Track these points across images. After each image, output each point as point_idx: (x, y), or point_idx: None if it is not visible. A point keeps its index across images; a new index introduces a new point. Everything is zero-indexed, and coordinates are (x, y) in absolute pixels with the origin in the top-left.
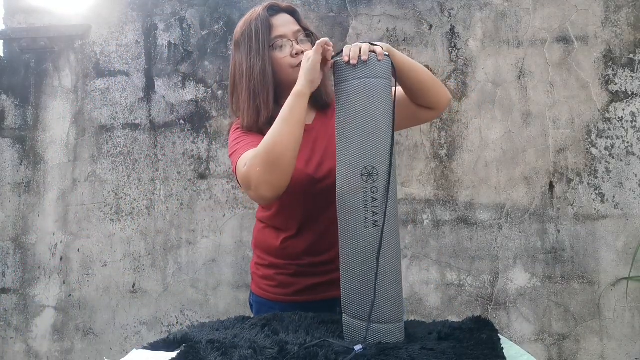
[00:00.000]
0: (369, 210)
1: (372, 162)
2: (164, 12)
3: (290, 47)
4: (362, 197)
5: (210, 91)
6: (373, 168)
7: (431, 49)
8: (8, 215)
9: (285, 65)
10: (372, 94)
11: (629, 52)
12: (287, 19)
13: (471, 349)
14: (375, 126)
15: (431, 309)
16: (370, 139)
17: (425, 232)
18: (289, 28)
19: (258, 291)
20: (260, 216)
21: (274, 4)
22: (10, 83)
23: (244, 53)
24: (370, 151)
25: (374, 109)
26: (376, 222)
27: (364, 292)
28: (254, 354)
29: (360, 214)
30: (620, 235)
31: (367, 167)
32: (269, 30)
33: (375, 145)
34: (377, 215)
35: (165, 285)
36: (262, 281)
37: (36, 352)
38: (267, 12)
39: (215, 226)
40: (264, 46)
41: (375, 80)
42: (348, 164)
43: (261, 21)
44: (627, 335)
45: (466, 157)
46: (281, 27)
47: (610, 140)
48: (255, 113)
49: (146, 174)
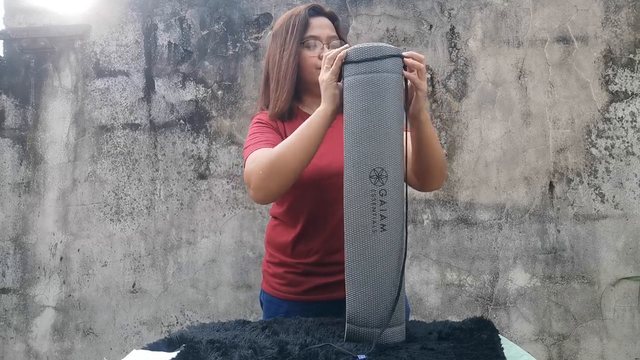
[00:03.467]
0: (377, 213)
1: (381, 164)
2: (164, 12)
3: (320, 48)
4: (370, 199)
5: (210, 91)
6: (382, 170)
7: (431, 49)
8: (8, 215)
9: (310, 65)
10: (382, 89)
11: (629, 52)
12: (325, 23)
13: (471, 349)
14: (385, 124)
15: (431, 309)
16: (379, 138)
17: (425, 232)
18: (324, 31)
19: (268, 289)
20: (273, 212)
21: (318, 6)
22: (10, 83)
23: (278, 44)
24: (380, 151)
25: (385, 106)
26: (384, 226)
27: (369, 298)
28: (254, 354)
29: (368, 218)
30: (620, 235)
31: (376, 168)
32: (304, 28)
33: (385, 145)
34: (386, 220)
35: (165, 285)
36: (272, 279)
37: (36, 352)
38: (307, 11)
39: (215, 226)
40: (296, 41)
41: (386, 74)
42: (356, 164)
43: (300, 18)
44: (627, 335)
45: (466, 157)
46: (317, 28)
47: (610, 140)
48: (276, 101)
49: (146, 174)
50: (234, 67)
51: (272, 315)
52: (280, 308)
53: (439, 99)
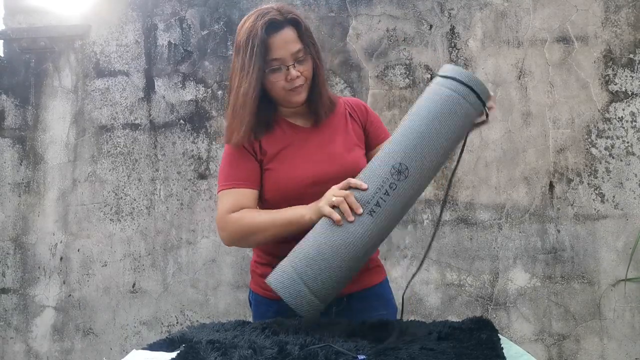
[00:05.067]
0: (375, 197)
1: (409, 164)
2: (164, 12)
3: (285, 71)
4: (379, 184)
5: (210, 91)
6: (407, 168)
7: (431, 49)
8: (8, 215)
9: (279, 88)
10: (456, 112)
11: (629, 52)
12: (287, 38)
13: (471, 349)
14: (440, 138)
15: (431, 309)
16: (426, 146)
17: (425, 232)
18: (287, 50)
19: (257, 289)
20: None
21: (275, 20)
22: (10, 83)
23: (238, 64)
24: (418, 154)
25: (449, 123)
26: (373, 212)
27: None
28: (253, 354)
29: (367, 196)
30: (620, 235)
31: (402, 163)
32: (265, 51)
33: (427, 153)
34: (379, 209)
35: (165, 285)
36: (260, 279)
37: (36, 352)
38: (265, 33)
39: (215, 226)
40: (257, 69)
41: (467, 104)
42: (392, 153)
43: (258, 41)
44: (627, 335)
45: (466, 157)
46: (279, 49)
47: (610, 140)
48: (231, 130)
49: (146, 174)
50: None
51: (261, 315)
52: (270, 308)
53: None
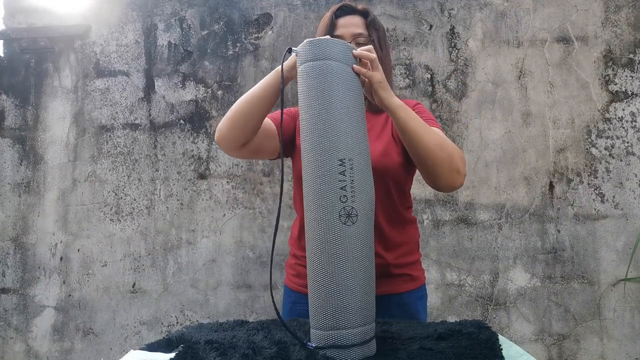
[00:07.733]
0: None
1: (347, 154)
2: (164, 12)
3: None
4: (337, 190)
5: (210, 91)
6: (350, 160)
7: (431, 49)
8: (8, 215)
9: None
10: (336, 77)
11: (629, 52)
12: (352, 21)
13: (470, 349)
14: (348, 113)
15: (431, 309)
16: (344, 128)
17: (425, 232)
18: (348, 30)
19: (286, 281)
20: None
21: (347, 5)
22: (10, 83)
23: None
24: (345, 141)
25: (332, 92)
26: (347, 221)
27: (329, 299)
28: (253, 354)
29: (334, 210)
30: (620, 235)
31: (342, 159)
32: (331, 29)
33: (350, 134)
34: (353, 217)
35: (165, 285)
36: (288, 270)
37: (36, 352)
38: (334, 13)
39: (215, 226)
40: None
41: (335, 63)
42: (319, 153)
43: (328, 20)
44: (627, 335)
45: (466, 157)
46: (342, 27)
47: (610, 140)
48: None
49: (146, 174)
50: (234, 67)
51: (286, 306)
52: (289, 298)
53: (439, 99)
